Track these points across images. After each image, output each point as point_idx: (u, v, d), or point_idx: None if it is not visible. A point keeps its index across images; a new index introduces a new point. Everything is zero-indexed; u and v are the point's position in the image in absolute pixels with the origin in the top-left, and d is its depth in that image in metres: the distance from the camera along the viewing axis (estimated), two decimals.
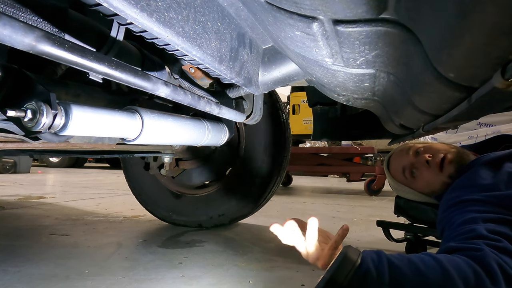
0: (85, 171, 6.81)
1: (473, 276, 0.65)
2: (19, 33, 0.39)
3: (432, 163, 1.05)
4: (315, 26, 0.49)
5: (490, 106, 0.52)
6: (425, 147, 1.12)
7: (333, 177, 6.89)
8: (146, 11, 0.45)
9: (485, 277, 0.65)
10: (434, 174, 1.05)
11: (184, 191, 1.66)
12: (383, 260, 0.67)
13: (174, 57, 0.80)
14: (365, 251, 0.67)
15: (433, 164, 1.05)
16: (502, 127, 3.59)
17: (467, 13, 0.34)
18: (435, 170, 1.05)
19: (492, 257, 0.67)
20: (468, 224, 0.78)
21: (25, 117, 0.53)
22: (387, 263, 0.67)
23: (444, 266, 0.66)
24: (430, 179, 1.07)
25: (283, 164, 1.54)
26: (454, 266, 0.66)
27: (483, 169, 0.91)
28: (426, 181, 1.09)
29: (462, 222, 0.80)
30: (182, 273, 0.97)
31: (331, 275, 0.55)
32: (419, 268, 0.66)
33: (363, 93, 0.80)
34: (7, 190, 3.01)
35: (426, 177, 1.08)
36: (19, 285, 0.85)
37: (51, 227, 1.53)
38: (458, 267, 0.66)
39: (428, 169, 1.07)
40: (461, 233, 0.78)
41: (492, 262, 0.67)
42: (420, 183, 1.11)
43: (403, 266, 0.67)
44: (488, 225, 0.75)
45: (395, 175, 1.21)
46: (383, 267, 0.66)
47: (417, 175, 1.10)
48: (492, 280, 0.65)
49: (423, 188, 1.12)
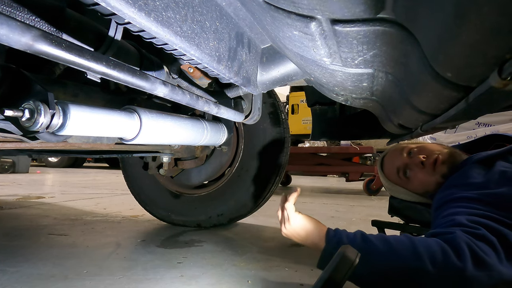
0: (84, 171, 6.81)
1: (441, 253, 0.69)
2: (16, 32, 0.39)
3: (425, 164, 1.07)
4: (313, 25, 0.49)
5: (487, 105, 0.52)
6: (418, 147, 1.13)
7: (332, 177, 6.89)
8: (144, 10, 0.45)
9: (451, 253, 0.69)
10: (427, 174, 1.07)
11: (183, 191, 1.66)
12: (357, 233, 0.78)
13: (172, 57, 0.80)
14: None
15: (427, 165, 1.06)
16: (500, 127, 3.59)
17: (464, 13, 0.34)
18: (428, 171, 1.06)
19: (462, 238, 0.72)
20: (452, 216, 0.82)
21: (22, 117, 0.53)
22: (360, 235, 0.77)
23: (414, 243, 0.72)
24: (423, 179, 1.08)
25: (282, 163, 1.54)
26: (424, 245, 0.71)
27: (474, 168, 0.93)
28: (419, 182, 1.10)
29: (447, 214, 0.84)
30: (181, 273, 0.97)
31: (329, 275, 0.55)
32: (390, 242, 0.73)
33: (362, 93, 0.80)
34: (6, 190, 3.00)
35: (419, 178, 1.09)
36: (17, 285, 0.85)
37: (49, 227, 1.53)
38: (427, 245, 0.71)
39: (421, 170, 1.08)
40: (443, 223, 0.82)
41: (461, 242, 0.70)
42: (414, 184, 1.12)
43: (375, 239, 0.75)
44: (471, 217, 0.78)
45: (389, 176, 1.22)
46: (355, 237, 0.76)
47: (411, 175, 1.12)
48: (459, 256, 0.69)
49: (417, 188, 1.13)
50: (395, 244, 0.73)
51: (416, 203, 1.17)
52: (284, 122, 1.55)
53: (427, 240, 0.73)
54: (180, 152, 1.49)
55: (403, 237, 0.75)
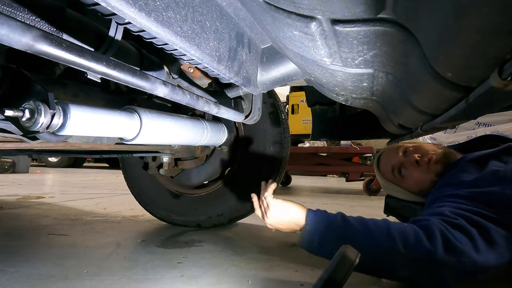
0: (84, 171, 6.80)
1: (413, 236, 0.73)
2: (17, 32, 0.39)
3: (420, 163, 1.08)
4: (313, 25, 0.49)
5: (488, 105, 0.52)
6: (414, 146, 1.15)
7: (332, 177, 6.90)
8: (144, 10, 0.45)
9: (423, 237, 0.73)
10: (422, 173, 1.08)
11: (183, 191, 1.66)
12: (337, 214, 0.82)
13: (172, 57, 0.80)
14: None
15: (421, 164, 1.08)
16: (500, 127, 3.59)
17: (464, 13, 0.34)
18: (423, 170, 1.08)
19: (436, 225, 0.76)
20: (437, 208, 0.85)
21: (23, 117, 0.53)
22: (340, 215, 0.82)
23: (389, 226, 0.77)
24: (418, 178, 1.10)
25: (282, 163, 1.54)
26: (398, 228, 0.76)
27: (467, 167, 0.94)
28: (414, 180, 1.11)
29: (434, 207, 0.87)
30: (181, 273, 0.97)
31: (329, 275, 0.55)
32: (367, 224, 0.78)
33: (362, 93, 0.80)
34: (6, 190, 3.00)
35: (414, 176, 1.11)
36: (17, 285, 0.85)
37: (49, 227, 1.53)
38: (402, 229, 0.76)
39: (416, 169, 1.10)
40: (427, 214, 0.85)
41: (434, 228, 0.74)
42: (408, 182, 1.14)
43: (353, 220, 0.80)
44: (455, 210, 0.81)
45: (385, 174, 1.23)
46: (335, 217, 0.81)
47: (406, 174, 1.13)
48: (430, 240, 0.72)
49: (411, 187, 1.14)
50: (372, 226, 0.77)
51: (412, 203, 1.17)
52: (284, 122, 1.55)
53: (403, 224, 0.77)
54: (180, 152, 1.48)
55: (381, 221, 0.79)
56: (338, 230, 0.78)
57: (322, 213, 0.84)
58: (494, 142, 1.12)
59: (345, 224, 0.79)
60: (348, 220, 0.80)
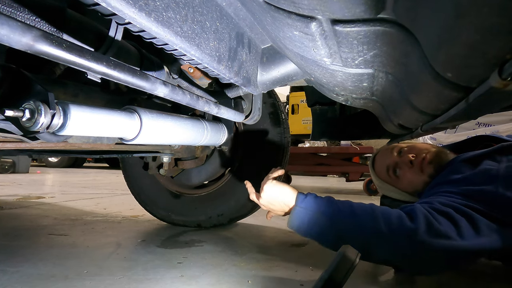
0: (84, 171, 6.81)
1: (397, 218, 0.76)
2: (17, 32, 0.39)
3: (414, 163, 1.09)
4: (313, 26, 0.49)
5: (488, 105, 0.52)
6: (408, 146, 1.15)
7: (332, 177, 6.89)
8: (144, 10, 0.45)
9: (405, 218, 0.75)
10: (415, 173, 1.09)
11: (183, 191, 1.66)
12: (325, 197, 0.85)
13: (172, 57, 0.80)
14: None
15: (415, 164, 1.09)
16: (500, 127, 3.59)
17: (464, 13, 0.34)
18: (416, 170, 1.09)
19: (420, 210, 0.77)
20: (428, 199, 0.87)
21: (23, 117, 0.53)
22: (327, 198, 0.85)
23: (374, 209, 0.80)
24: (412, 178, 1.11)
25: (282, 163, 1.54)
26: (382, 211, 0.78)
27: (459, 166, 0.95)
28: (408, 180, 1.12)
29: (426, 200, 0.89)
30: (181, 273, 0.97)
31: (329, 274, 0.55)
32: (353, 206, 0.81)
33: (362, 93, 0.80)
34: (6, 190, 3.00)
35: (408, 177, 1.11)
36: (17, 285, 0.85)
37: (49, 227, 1.53)
38: (386, 212, 0.78)
39: (410, 169, 1.10)
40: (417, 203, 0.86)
41: (418, 211, 0.76)
42: (403, 182, 1.15)
43: (340, 203, 0.83)
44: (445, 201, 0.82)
45: (380, 174, 1.24)
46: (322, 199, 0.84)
47: (400, 174, 1.14)
48: (412, 220, 0.74)
49: (406, 187, 1.15)
50: (357, 208, 0.80)
51: (407, 203, 1.18)
52: (284, 122, 1.55)
53: (389, 210, 0.80)
54: (180, 152, 1.48)
55: (367, 204, 0.83)
56: (326, 211, 0.81)
57: (311, 195, 0.87)
58: (487, 142, 1.13)
59: (333, 206, 0.82)
60: (335, 202, 0.84)
